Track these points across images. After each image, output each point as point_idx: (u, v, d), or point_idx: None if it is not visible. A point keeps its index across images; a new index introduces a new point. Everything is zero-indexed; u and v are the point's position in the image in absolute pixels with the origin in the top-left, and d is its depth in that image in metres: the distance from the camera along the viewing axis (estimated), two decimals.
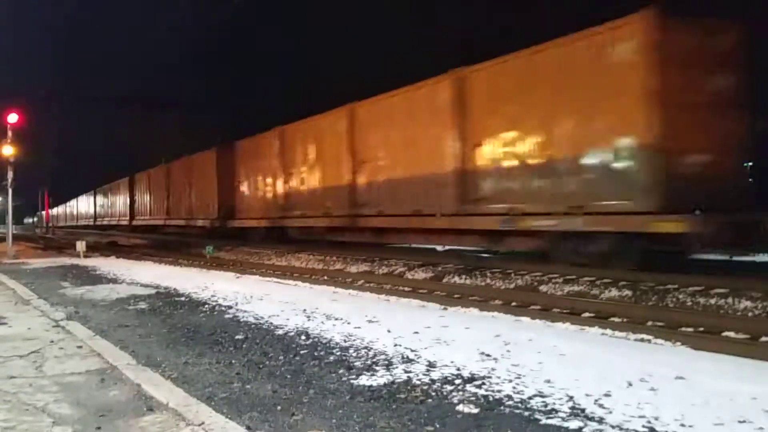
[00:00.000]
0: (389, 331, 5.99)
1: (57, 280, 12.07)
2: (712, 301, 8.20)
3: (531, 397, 3.91)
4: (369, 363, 4.88)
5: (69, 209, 67.58)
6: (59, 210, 72.68)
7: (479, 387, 4.17)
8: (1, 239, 25.57)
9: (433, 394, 4.07)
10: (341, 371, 4.67)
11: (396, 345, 5.43)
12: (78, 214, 61.07)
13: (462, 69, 13.00)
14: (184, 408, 3.77)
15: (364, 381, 4.39)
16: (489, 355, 4.97)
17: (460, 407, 3.79)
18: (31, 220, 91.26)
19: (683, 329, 7.05)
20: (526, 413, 3.66)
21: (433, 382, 4.32)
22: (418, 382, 4.34)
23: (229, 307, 7.89)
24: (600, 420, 3.49)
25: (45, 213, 70.40)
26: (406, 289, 11.12)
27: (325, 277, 13.63)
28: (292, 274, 14.72)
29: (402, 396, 4.04)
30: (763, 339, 6.49)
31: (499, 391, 4.06)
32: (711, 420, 3.41)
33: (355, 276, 13.63)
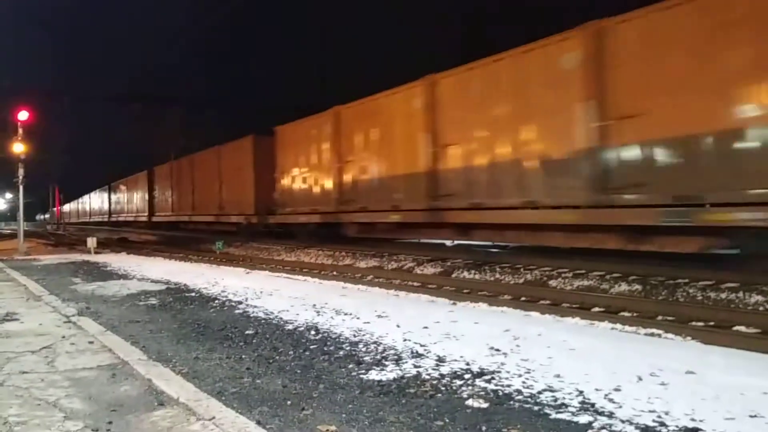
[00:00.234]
0: (398, 326, 6.00)
1: (68, 276, 12.14)
2: (722, 296, 8.17)
3: (541, 392, 3.91)
4: (378, 358, 4.88)
5: (81, 205, 66.64)
6: (71, 206, 72.74)
7: (489, 382, 4.17)
8: (13, 236, 25.76)
9: (443, 388, 4.07)
10: (351, 366, 4.68)
11: (405, 340, 5.43)
12: (91, 210, 59.56)
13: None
14: (194, 403, 3.78)
15: (373, 376, 4.39)
16: (498, 350, 4.96)
17: (469, 402, 3.79)
18: (42, 216, 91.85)
19: (694, 324, 7.03)
20: (535, 408, 3.65)
21: (443, 376, 4.32)
22: (427, 376, 4.34)
23: (239, 303, 7.92)
24: (610, 414, 3.48)
25: (56, 209, 70.77)
26: (415, 284, 11.14)
27: (335, 273, 13.66)
28: (301, 269, 14.77)
29: (411, 391, 4.04)
30: None
31: (509, 386, 4.06)
32: (722, 414, 3.39)
33: (364, 271, 13.66)
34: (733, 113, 8.27)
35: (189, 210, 29.93)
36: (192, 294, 8.98)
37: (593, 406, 3.62)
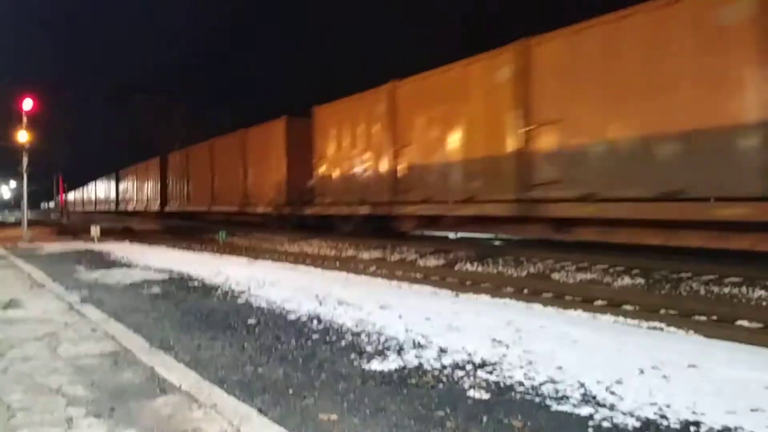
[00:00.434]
0: (401, 317, 6.00)
1: (71, 264, 12.17)
2: (725, 290, 8.16)
3: (542, 384, 3.91)
4: (380, 348, 4.89)
5: (86, 194, 64.61)
6: (75, 195, 72.10)
7: (490, 373, 4.17)
8: (18, 224, 25.84)
9: (444, 379, 4.08)
10: (353, 356, 4.68)
11: (407, 331, 5.43)
12: (96, 199, 57.34)
13: None
14: (196, 390, 3.80)
15: (375, 366, 4.40)
16: (500, 342, 4.96)
17: (471, 393, 3.80)
18: (47, 205, 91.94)
19: (696, 317, 7.02)
20: (537, 399, 3.65)
21: (444, 367, 4.33)
22: (429, 367, 4.34)
23: (242, 292, 7.93)
24: (611, 407, 3.48)
25: (60, 198, 70.65)
26: (418, 276, 11.14)
27: (338, 264, 13.66)
28: (304, 260, 14.78)
29: (413, 381, 4.05)
30: None
31: (511, 377, 4.06)
32: (723, 408, 3.39)
33: (367, 262, 13.66)
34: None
35: (207, 200, 27.40)
36: (195, 283, 9.00)
37: (594, 398, 3.62)
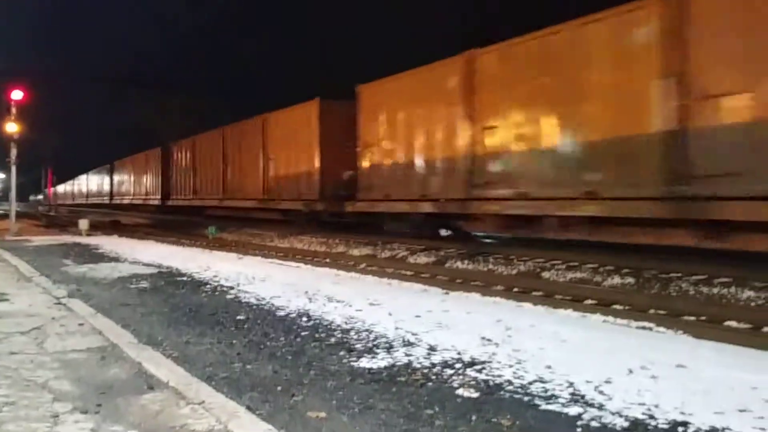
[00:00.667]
0: (390, 315, 5.99)
1: (59, 257, 12.09)
2: (715, 291, 8.18)
3: (531, 383, 3.91)
4: (370, 346, 4.88)
5: (77, 186, 61.09)
6: (65, 187, 70.02)
7: (480, 371, 4.17)
8: (5, 216, 25.65)
9: (434, 377, 4.07)
10: (342, 353, 4.67)
11: (397, 328, 5.43)
12: (88, 191, 54.12)
13: None
14: (184, 387, 3.77)
15: (364, 363, 4.39)
16: (490, 340, 4.96)
17: (460, 391, 3.79)
18: (36, 198, 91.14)
19: (685, 318, 7.03)
20: (525, 398, 3.65)
21: (434, 365, 4.32)
22: (418, 365, 4.33)
23: (231, 288, 7.90)
24: (600, 406, 3.48)
25: (48, 190, 69.74)
26: (408, 273, 11.12)
27: (328, 260, 13.63)
28: (294, 255, 14.73)
29: (402, 379, 4.04)
30: (765, 329, 6.48)
31: (500, 376, 4.06)
32: (711, 408, 3.40)
33: (358, 259, 13.64)
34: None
35: (218, 194, 24.60)
36: (184, 278, 8.95)
37: (583, 397, 3.63)
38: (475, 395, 3.73)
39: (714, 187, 8.20)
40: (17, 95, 18.66)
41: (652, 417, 3.32)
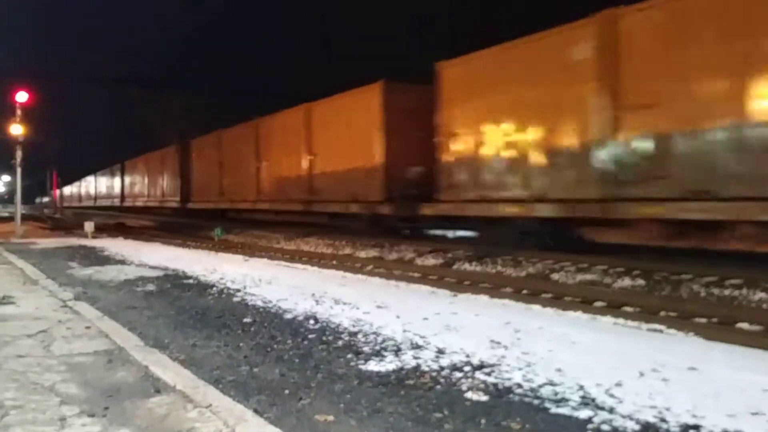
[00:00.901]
0: (398, 317, 5.96)
1: (65, 260, 12.11)
2: (726, 292, 8.12)
3: (541, 386, 3.87)
4: (377, 348, 4.84)
5: (85, 188, 59.71)
6: (72, 189, 70.09)
7: (489, 374, 4.13)
8: (11, 219, 25.73)
9: (442, 380, 4.03)
10: (349, 356, 4.64)
11: (405, 331, 5.39)
12: (97, 193, 52.02)
13: None
14: (191, 390, 3.75)
15: (372, 366, 4.36)
16: (499, 343, 4.92)
17: (468, 394, 3.75)
18: (41, 200, 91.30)
19: (696, 320, 6.98)
20: (535, 402, 3.61)
21: (442, 368, 4.28)
22: (426, 368, 4.30)
23: (238, 290, 7.88)
24: (611, 409, 3.44)
25: (53, 193, 69.60)
26: (415, 275, 11.09)
27: (334, 262, 13.61)
28: (300, 258, 14.72)
29: (410, 382, 4.01)
30: None
31: (509, 379, 4.02)
32: (723, 411, 3.35)
33: (365, 261, 13.61)
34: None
35: (251, 195, 21.92)
36: (190, 281, 8.94)
37: (594, 401, 3.59)
38: (485, 399, 3.69)
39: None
40: (22, 97, 18.69)
41: (663, 420, 3.28)
